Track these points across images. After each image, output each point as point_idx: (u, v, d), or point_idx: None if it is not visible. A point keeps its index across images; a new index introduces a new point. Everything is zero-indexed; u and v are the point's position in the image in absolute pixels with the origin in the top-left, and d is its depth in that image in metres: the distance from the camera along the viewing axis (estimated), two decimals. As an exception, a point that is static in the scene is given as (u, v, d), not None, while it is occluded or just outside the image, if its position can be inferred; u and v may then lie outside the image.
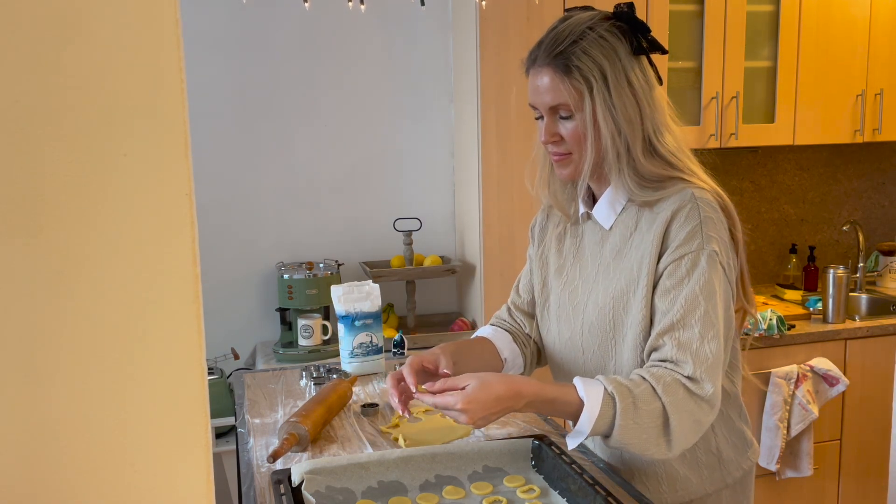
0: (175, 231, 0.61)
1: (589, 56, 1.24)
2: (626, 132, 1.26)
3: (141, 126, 0.59)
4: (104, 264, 0.59)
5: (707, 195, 1.27)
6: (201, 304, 0.63)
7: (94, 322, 0.59)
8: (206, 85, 2.77)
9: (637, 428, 1.17)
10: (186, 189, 0.61)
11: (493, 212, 2.67)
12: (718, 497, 1.36)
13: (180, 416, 0.63)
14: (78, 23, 0.56)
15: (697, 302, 1.21)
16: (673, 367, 1.20)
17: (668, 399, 1.17)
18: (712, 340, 1.21)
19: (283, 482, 1.19)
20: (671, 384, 1.18)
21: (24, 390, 0.58)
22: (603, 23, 1.28)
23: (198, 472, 0.64)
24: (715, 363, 1.21)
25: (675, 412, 1.17)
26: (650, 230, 1.27)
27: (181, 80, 0.59)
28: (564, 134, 1.29)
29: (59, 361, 0.59)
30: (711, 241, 1.24)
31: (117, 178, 0.59)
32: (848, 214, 3.44)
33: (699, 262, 1.23)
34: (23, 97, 0.56)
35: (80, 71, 0.57)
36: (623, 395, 1.17)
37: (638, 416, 1.17)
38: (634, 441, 1.18)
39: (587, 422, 1.17)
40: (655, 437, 1.18)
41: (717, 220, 1.26)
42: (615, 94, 1.25)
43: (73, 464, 0.60)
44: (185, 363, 0.62)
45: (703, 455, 1.35)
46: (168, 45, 0.59)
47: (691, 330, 1.21)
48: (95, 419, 0.60)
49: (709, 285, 1.22)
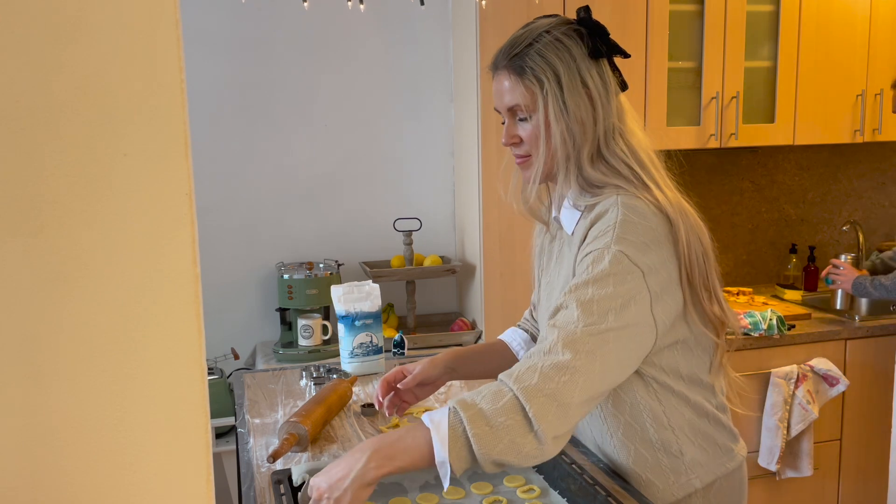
0: (175, 231, 0.61)
1: (542, 57, 1.26)
2: (577, 134, 1.26)
3: (141, 126, 0.59)
4: (104, 264, 0.59)
5: (636, 202, 1.23)
6: (201, 304, 0.63)
7: (93, 322, 0.59)
8: (206, 85, 2.77)
9: (494, 433, 1.08)
10: (186, 189, 0.61)
11: (493, 212, 2.67)
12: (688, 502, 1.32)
13: (180, 416, 0.63)
14: (78, 23, 0.56)
15: (585, 289, 1.16)
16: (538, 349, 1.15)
17: (519, 386, 1.10)
18: (590, 327, 1.13)
19: (283, 482, 1.19)
20: (524, 371, 1.11)
21: (24, 390, 0.58)
22: (561, 27, 1.29)
23: (198, 472, 0.64)
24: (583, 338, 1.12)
25: (531, 398, 1.09)
26: (581, 234, 1.27)
27: (181, 80, 0.59)
28: (523, 136, 1.30)
29: (58, 361, 0.59)
30: (620, 242, 1.19)
31: (117, 178, 0.59)
32: (848, 214, 3.44)
33: (602, 258, 1.18)
34: (23, 97, 0.56)
35: (80, 71, 0.57)
36: (465, 405, 1.10)
37: (490, 419, 1.09)
38: (499, 448, 1.08)
39: (441, 449, 1.08)
40: (520, 434, 1.09)
41: (642, 225, 1.20)
42: (568, 95, 1.25)
43: (73, 464, 0.60)
44: (185, 363, 0.62)
45: (665, 457, 1.30)
46: (168, 45, 0.59)
47: (570, 312, 1.15)
48: (95, 419, 0.60)
49: (603, 279, 1.16)
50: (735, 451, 1.38)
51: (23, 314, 0.58)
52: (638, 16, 2.71)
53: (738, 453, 1.39)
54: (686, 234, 1.23)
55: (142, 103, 0.59)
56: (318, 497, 1.12)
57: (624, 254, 1.17)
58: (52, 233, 0.57)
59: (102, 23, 0.57)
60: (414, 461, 1.11)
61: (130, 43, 0.58)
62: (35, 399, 0.59)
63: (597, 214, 1.25)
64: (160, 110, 0.59)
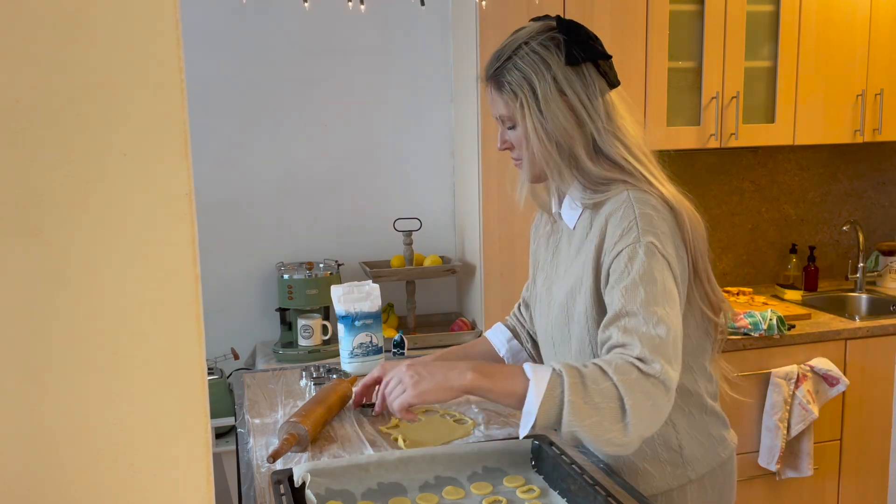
0: (175, 231, 0.61)
1: (519, 71, 1.31)
2: (562, 139, 1.31)
3: (141, 126, 0.59)
4: (104, 264, 0.59)
5: (646, 196, 1.29)
6: (201, 304, 0.63)
7: (93, 322, 0.59)
8: (206, 85, 2.77)
9: (588, 408, 1.12)
10: (186, 189, 0.61)
11: (493, 212, 2.67)
12: (683, 492, 1.37)
13: (180, 416, 0.62)
14: (78, 23, 0.56)
15: (637, 290, 1.21)
16: (621, 351, 1.18)
17: (621, 378, 1.13)
18: (658, 325, 1.18)
19: (283, 482, 1.19)
20: (622, 365, 1.15)
21: (24, 390, 0.58)
22: (540, 35, 1.32)
23: (198, 472, 0.64)
24: (662, 344, 1.17)
25: (630, 392, 1.13)
26: (593, 231, 1.33)
27: (181, 80, 0.59)
28: (513, 141, 1.38)
29: (58, 361, 0.59)
30: (647, 234, 1.25)
31: (117, 178, 0.59)
32: (848, 214, 3.44)
33: (637, 254, 1.23)
34: (23, 97, 0.56)
35: (80, 71, 0.57)
36: (572, 374, 1.15)
37: (588, 395, 1.13)
38: (587, 424, 1.12)
39: (534, 400, 1.14)
40: (611, 420, 1.13)
41: (657, 217, 1.27)
42: (545, 106, 1.30)
43: (72, 464, 0.60)
44: (185, 363, 0.62)
45: (664, 451, 1.36)
46: (168, 45, 0.59)
47: (635, 317, 1.20)
48: (95, 419, 0.60)
49: (648, 274, 1.22)
50: (728, 439, 1.45)
51: (22, 314, 0.58)
52: (638, 16, 2.71)
53: (730, 441, 1.45)
54: (690, 223, 1.31)
55: (142, 103, 0.59)
56: (404, 369, 1.24)
57: (654, 245, 1.24)
58: (52, 233, 0.57)
59: (102, 22, 0.57)
60: (504, 394, 1.19)
61: (130, 43, 0.58)
62: (34, 399, 0.59)
63: (610, 211, 1.30)
64: (160, 110, 0.59)
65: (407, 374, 1.23)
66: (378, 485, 1.22)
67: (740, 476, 2.72)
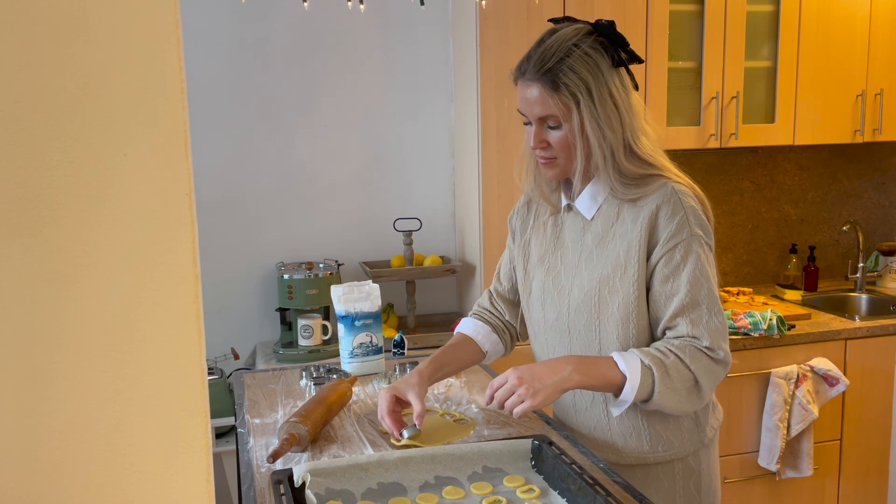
0: (175, 231, 0.61)
1: (575, 73, 1.37)
2: (610, 138, 1.39)
3: (141, 126, 0.59)
4: (104, 264, 0.59)
5: (684, 188, 1.44)
6: (201, 304, 0.63)
7: (93, 322, 0.59)
8: (206, 85, 2.77)
9: (672, 392, 1.37)
10: (186, 189, 0.61)
11: (493, 212, 2.68)
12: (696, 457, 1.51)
13: (180, 417, 0.62)
14: (78, 23, 0.56)
15: (700, 283, 1.39)
16: (692, 341, 1.38)
17: (696, 366, 1.37)
18: (717, 313, 1.40)
19: (283, 482, 1.19)
20: (695, 354, 1.38)
21: (24, 390, 0.58)
22: (587, 38, 1.39)
23: (198, 472, 0.64)
24: (723, 330, 1.40)
25: (703, 376, 1.38)
26: (636, 222, 1.42)
27: (181, 80, 0.59)
28: (552, 141, 1.43)
29: (58, 361, 0.59)
30: (695, 227, 1.40)
31: (117, 178, 0.59)
32: (848, 214, 3.44)
33: (692, 248, 1.39)
34: (23, 97, 0.56)
35: (81, 71, 0.57)
36: (658, 366, 1.36)
37: (671, 382, 1.36)
38: (671, 403, 1.38)
39: (630, 392, 1.37)
40: (687, 397, 1.39)
41: (698, 208, 1.43)
42: (599, 107, 1.38)
43: (72, 464, 0.60)
44: (185, 363, 0.62)
45: (685, 419, 1.50)
46: (168, 45, 0.59)
47: (700, 308, 1.39)
48: (95, 419, 0.60)
49: (703, 267, 1.39)
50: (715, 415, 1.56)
51: (23, 314, 0.58)
52: (638, 16, 2.71)
53: (716, 418, 1.56)
54: (710, 212, 1.47)
55: (142, 103, 0.59)
56: (516, 383, 1.34)
57: (702, 237, 1.41)
58: (52, 233, 0.57)
59: (102, 23, 0.57)
60: (602, 387, 1.39)
61: (130, 43, 0.58)
62: (35, 399, 0.59)
63: (657, 204, 1.41)
64: (160, 110, 0.59)
65: (522, 386, 1.35)
66: (378, 485, 1.22)
67: (740, 476, 2.73)
